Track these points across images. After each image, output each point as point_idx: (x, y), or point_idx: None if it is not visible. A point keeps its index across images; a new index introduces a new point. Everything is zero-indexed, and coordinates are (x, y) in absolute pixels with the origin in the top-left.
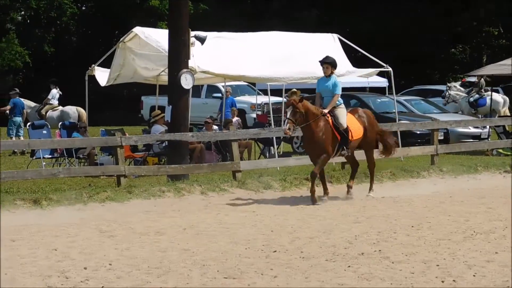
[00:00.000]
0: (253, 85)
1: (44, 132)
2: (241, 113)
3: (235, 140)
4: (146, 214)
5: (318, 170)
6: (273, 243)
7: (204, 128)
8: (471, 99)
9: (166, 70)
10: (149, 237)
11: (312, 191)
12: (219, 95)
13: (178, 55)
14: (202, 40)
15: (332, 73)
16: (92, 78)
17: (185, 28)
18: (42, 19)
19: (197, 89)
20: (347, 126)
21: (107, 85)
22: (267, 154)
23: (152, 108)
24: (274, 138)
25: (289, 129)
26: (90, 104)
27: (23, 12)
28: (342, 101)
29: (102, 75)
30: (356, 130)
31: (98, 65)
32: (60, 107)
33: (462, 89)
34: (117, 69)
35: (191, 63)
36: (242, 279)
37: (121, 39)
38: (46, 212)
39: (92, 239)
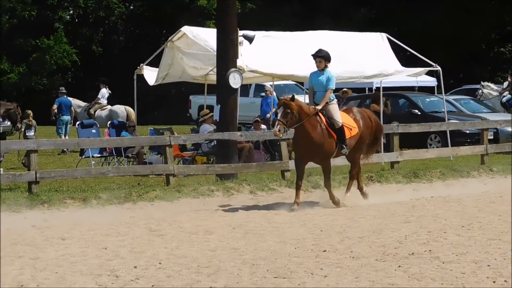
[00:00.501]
0: (301, 84)
1: (93, 131)
2: None
3: (283, 140)
4: (195, 213)
5: (329, 179)
6: (323, 243)
7: (252, 127)
8: (504, 100)
9: (215, 69)
10: (198, 236)
11: (331, 196)
12: None
13: (226, 54)
14: (250, 39)
15: (326, 66)
16: (141, 77)
17: (233, 27)
18: (90, 18)
19: (245, 88)
20: (342, 123)
21: (155, 84)
22: None
23: (200, 107)
24: None
25: (279, 131)
26: (138, 103)
27: (71, 11)
28: (334, 97)
29: (150, 74)
30: (351, 127)
31: (146, 64)
32: (109, 106)
33: (495, 88)
34: (166, 69)
35: (239, 62)
36: (292, 279)
37: (170, 38)
38: (96, 211)
39: (141, 238)
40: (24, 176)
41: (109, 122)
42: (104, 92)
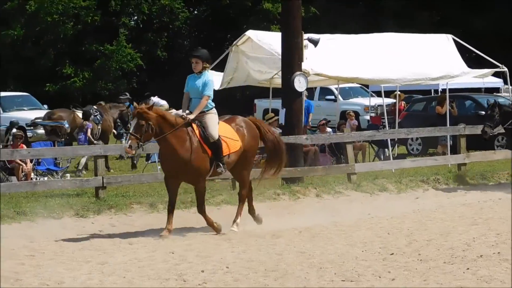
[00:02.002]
0: (366, 87)
1: None
2: (355, 115)
3: (349, 143)
4: (261, 217)
5: (203, 204)
6: (390, 246)
7: (318, 130)
8: None
9: (279, 73)
10: (265, 240)
11: (210, 222)
12: (332, 97)
13: (291, 58)
14: (315, 42)
15: (204, 68)
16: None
17: (298, 31)
18: (154, 23)
19: (310, 92)
20: (219, 136)
21: (220, 88)
22: (382, 156)
23: (265, 111)
24: (389, 140)
25: (130, 147)
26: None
27: (136, 17)
28: (213, 105)
29: (215, 79)
30: (232, 142)
31: (211, 69)
32: (174, 110)
33: None
34: (231, 73)
35: (304, 65)
36: (359, 282)
37: (234, 42)
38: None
39: (208, 242)
40: (91, 181)
41: None
42: (155, 100)
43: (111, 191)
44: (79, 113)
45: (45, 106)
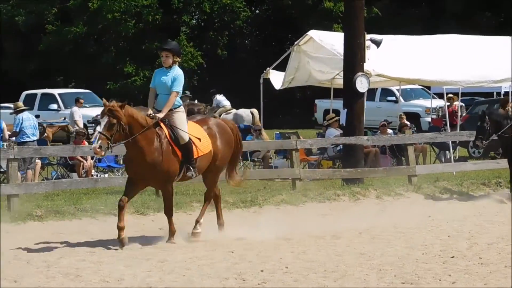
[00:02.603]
0: (427, 89)
1: None
2: (416, 117)
3: (410, 144)
4: (321, 217)
5: (171, 208)
6: (451, 249)
7: (378, 131)
8: None
9: (341, 74)
10: (325, 240)
11: (172, 230)
12: (393, 98)
13: (353, 58)
14: (377, 43)
15: (174, 63)
16: (266, 81)
17: (360, 31)
18: (215, 23)
19: (371, 93)
20: (190, 137)
21: (281, 88)
22: (443, 159)
23: (326, 112)
24: (450, 142)
25: (100, 147)
26: (264, 107)
27: (197, 16)
28: (181, 103)
29: (277, 78)
30: (202, 144)
31: (273, 68)
32: (234, 110)
33: None
34: (292, 72)
35: (366, 66)
36: (419, 284)
37: (296, 42)
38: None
39: (268, 242)
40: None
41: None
42: (219, 99)
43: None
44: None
45: None
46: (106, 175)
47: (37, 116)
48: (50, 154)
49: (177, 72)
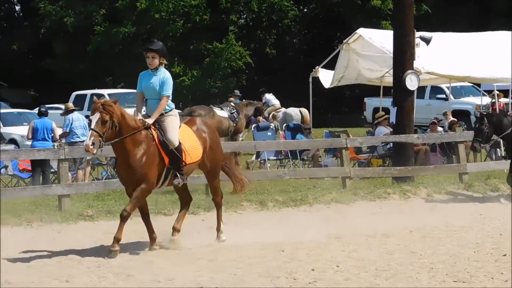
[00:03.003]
0: (478, 86)
1: (269, 133)
2: (466, 114)
3: (461, 142)
4: (372, 216)
5: (132, 209)
6: (503, 247)
7: (428, 129)
8: None
9: (391, 71)
10: (375, 239)
11: (117, 238)
12: (443, 96)
13: (403, 56)
14: (427, 40)
15: (161, 64)
16: (315, 80)
17: (410, 29)
18: (263, 21)
19: (421, 90)
20: (180, 143)
21: (330, 86)
22: (494, 156)
23: (375, 110)
24: (501, 140)
25: (93, 144)
26: (313, 106)
27: (245, 15)
28: (173, 106)
29: (326, 77)
30: (192, 149)
31: (321, 67)
32: (283, 109)
33: None
34: (341, 71)
35: (416, 64)
36: (471, 283)
37: (345, 40)
38: (272, 214)
39: (318, 240)
40: (202, 178)
41: (284, 125)
42: (269, 97)
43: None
44: (217, 110)
45: None
46: None
47: (86, 117)
48: (100, 154)
49: (165, 74)
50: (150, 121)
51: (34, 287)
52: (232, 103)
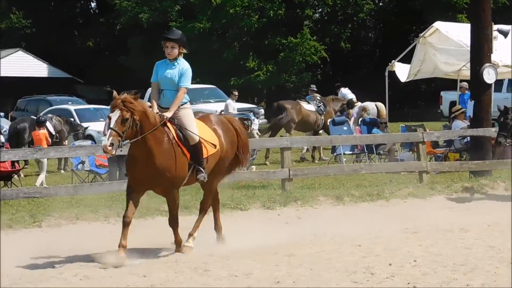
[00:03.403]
0: None
1: (345, 128)
2: None
3: None
4: (449, 210)
5: (177, 215)
6: None
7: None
8: None
9: (468, 65)
10: (453, 234)
11: (178, 240)
12: None
13: (480, 49)
14: (505, 33)
15: (180, 54)
16: (391, 74)
17: (487, 22)
18: (338, 16)
19: (498, 84)
20: (199, 138)
21: (407, 80)
22: None
23: (452, 103)
24: None
25: (111, 145)
26: (389, 100)
27: (320, 9)
28: (188, 99)
29: (402, 71)
30: (209, 143)
31: (398, 61)
32: (359, 103)
33: None
34: (418, 65)
35: (493, 57)
36: None
37: (422, 34)
38: (348, 208)
39: (395, 235)
40: (278, 173)
41: (360, 119)
42: (344, 92)
43: (297, 183)
44: (304, 104)
45: None
46: None
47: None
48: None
49: (184, 65)
50: (168, 114)
51: (112, 282)
52: (318, 97)
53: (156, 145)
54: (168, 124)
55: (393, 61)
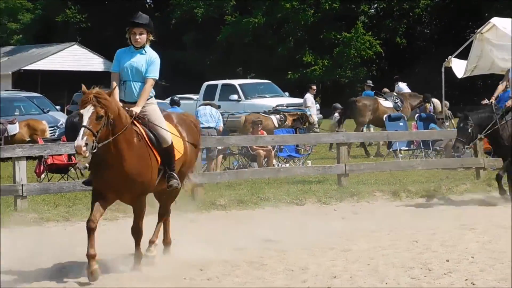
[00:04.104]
0: None
1: (401, 124)
2: None
3: None
4: (507, 207)
5: (141, 223)
6: None
7: None
8: None
9: None
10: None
11: (138, 253)
12: None
13: None
14: None
15: (148, 42)
16: (447, 70)
17: None
18: (394, 11)
19: None
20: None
21: (463, 77)
22: None
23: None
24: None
25: (86, 145)
26: (445, 96)
27: (375, 5)
28: (154, 93)
29: (458, 67)
30: (176, 145)
31: (454, 57)
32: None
33: None
34: (474, 61)
35: None
36: None
37: (479, 30)
38: (405, 204)
39: (452, 231)
40: (334, 168)
41: (416, 115)
42: (401, 86)
43: (353, 178)
44: (381, 100)
45: (286, 93)
46: (287, 165)
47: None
48: (232, 144)
49: (152, 54)
50: (136, 109)
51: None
52: (395, 93)
53: (127, 147)
54: (136, 122)
55: (450, 57)
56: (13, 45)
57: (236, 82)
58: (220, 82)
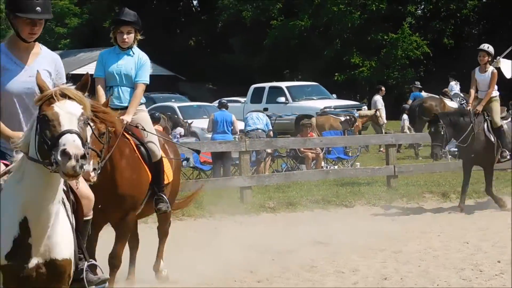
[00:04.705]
0: None
1: None
2: None
3: None
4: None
5: (121, 250)
6: None
7: None
8: None
9: None
10: None
11: (113, 279)
12: None
13: None
14: None
15: (135, 41)
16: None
17: None
18: (441, 12)
19: None
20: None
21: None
22: None
23: None
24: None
25: (94, 169)
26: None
27: (422, 6)
28: (145, 100)
29: (507, 67)
30: (166, 168)
31: (503, 57)
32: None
33: None
34: None
35: None
36: None
37: None
38: (454, 205)
39: (503, 232)
40: (383, 170)
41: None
42: (453, 85)
43: (402, 180)
44: (447, 101)
45: (334, 95)
46: (336, 167)
47: (265, 109)
48: (281, 146)
49: (142, 56)
50: (127, 118)
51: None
52: (461, 94)
53: (120, 160)
54: (125, 132)
55: (499, 57)
56: (61, 49)
57: (283, 84)
58: (267, 85)
